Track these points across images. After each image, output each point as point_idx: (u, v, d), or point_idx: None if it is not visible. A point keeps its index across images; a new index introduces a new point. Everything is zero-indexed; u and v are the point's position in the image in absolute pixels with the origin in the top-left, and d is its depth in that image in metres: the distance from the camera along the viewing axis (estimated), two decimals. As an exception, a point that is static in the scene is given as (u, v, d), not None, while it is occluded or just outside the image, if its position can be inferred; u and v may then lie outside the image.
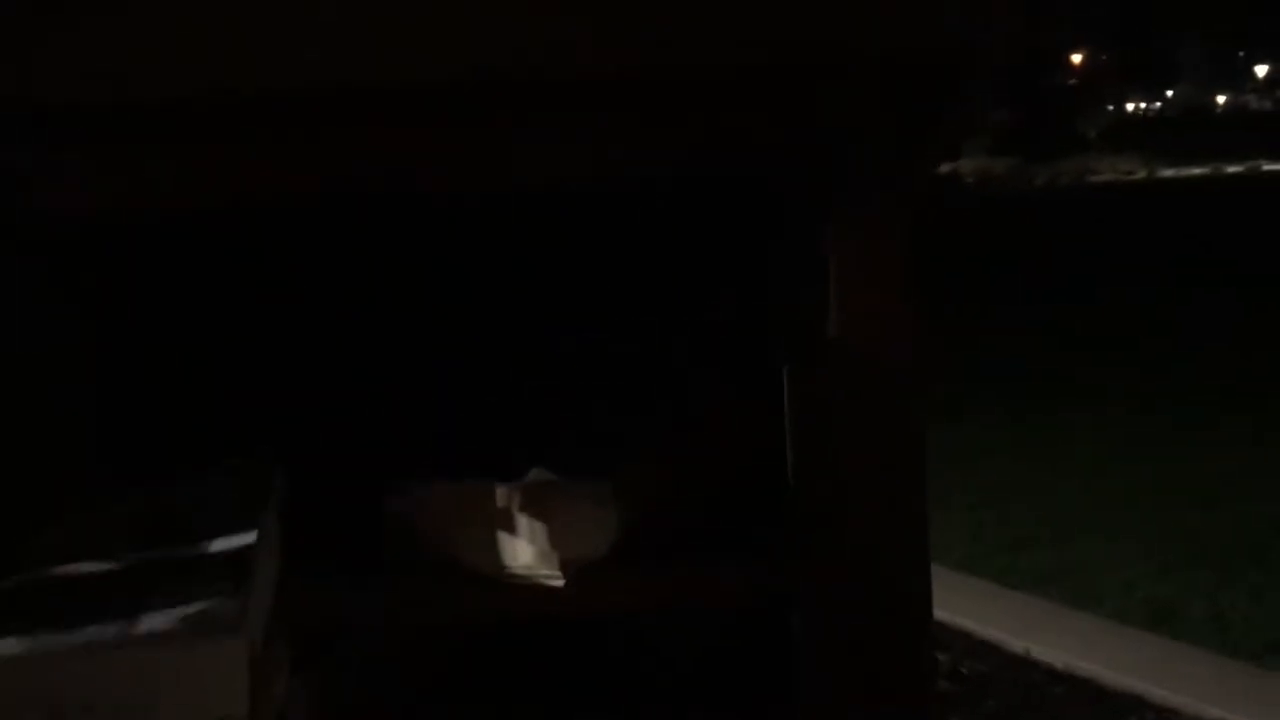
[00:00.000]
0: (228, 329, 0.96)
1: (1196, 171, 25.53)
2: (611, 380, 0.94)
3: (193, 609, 0.50)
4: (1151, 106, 43.95)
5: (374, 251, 0.94)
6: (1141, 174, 25.98)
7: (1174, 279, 8.13)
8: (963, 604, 2.89)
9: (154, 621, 0.49)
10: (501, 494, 0.78)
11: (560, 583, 0.77)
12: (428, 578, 0.79)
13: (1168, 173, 25.99)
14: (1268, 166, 24.96)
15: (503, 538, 0.78)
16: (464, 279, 0.95)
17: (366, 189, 0.76)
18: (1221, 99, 43.86)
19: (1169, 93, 44.52)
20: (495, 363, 0.95)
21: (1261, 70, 44.46)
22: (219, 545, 0.58)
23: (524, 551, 0.77)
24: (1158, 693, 2.52)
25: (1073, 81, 33.44)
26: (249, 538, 0.58)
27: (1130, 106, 42.50)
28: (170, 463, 0.88)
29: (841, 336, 0.73)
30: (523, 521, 0.77)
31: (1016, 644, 2.77)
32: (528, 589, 0.78)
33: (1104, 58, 37.86)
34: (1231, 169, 25.31)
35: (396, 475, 0.82)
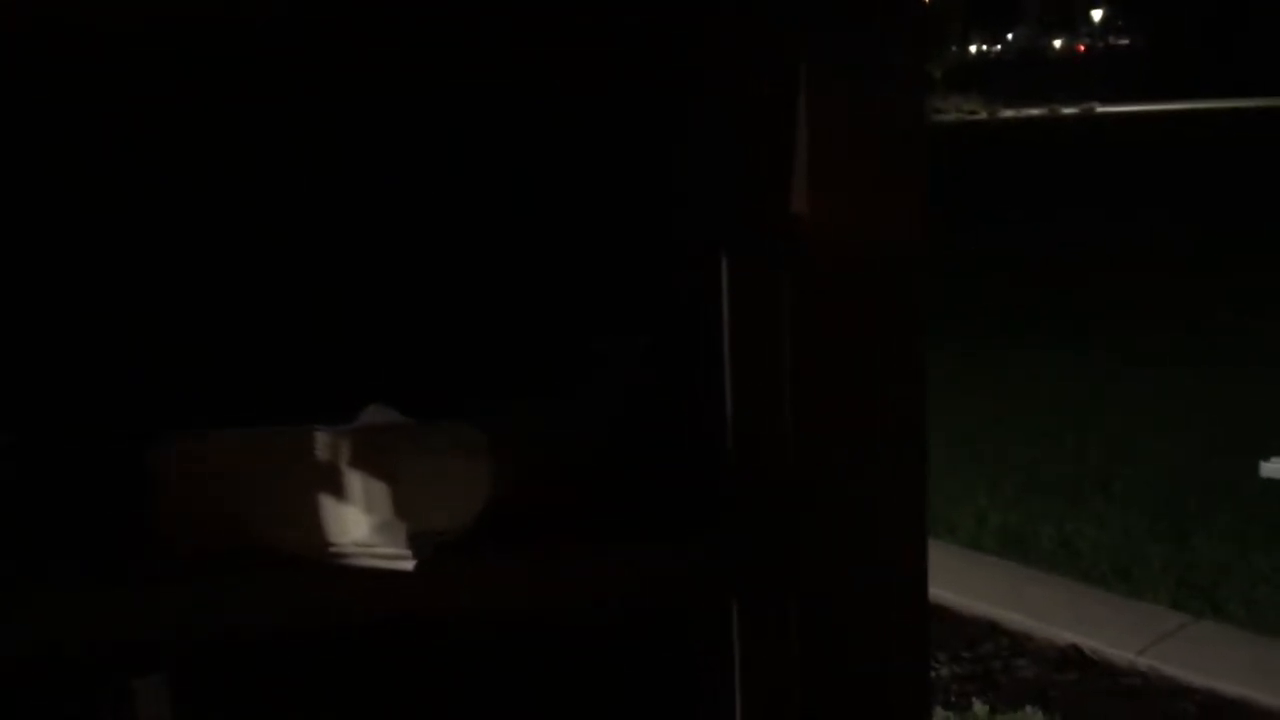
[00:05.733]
0: None
1: (1034, 112, 26.40)
2: (484, 306, 0.69)
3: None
4: (992, 49, 45.06)
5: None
6: (983, 114, 26.76)
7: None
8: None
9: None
10: (323, 442, 0.54)
11: (409, 565, 0.53)
12: (208, 567, 0.54)
13: (1008, 113, 26.86)
14: (1101, 109, 25.84)
15: (325, 505, 0.54)
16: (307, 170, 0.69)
17: None
18: (1058, 43, 45.17)
19: (1009, 35, 45.65)
20: (320, 285, 0.69)
21: (1097, 14, 45.90)
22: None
23: (356, 523, 0.54)
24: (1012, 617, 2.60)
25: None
26: None
27: (973, 49, 43.45)
28: None
29: (811, 214, 0.52)
30: (354, 480, 0.53)
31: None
32: (360, 576, 0.54)
33: (953, -2, 38.84)
34: (1067, 110, 26.21)
35: (166, 424, 0.57)
